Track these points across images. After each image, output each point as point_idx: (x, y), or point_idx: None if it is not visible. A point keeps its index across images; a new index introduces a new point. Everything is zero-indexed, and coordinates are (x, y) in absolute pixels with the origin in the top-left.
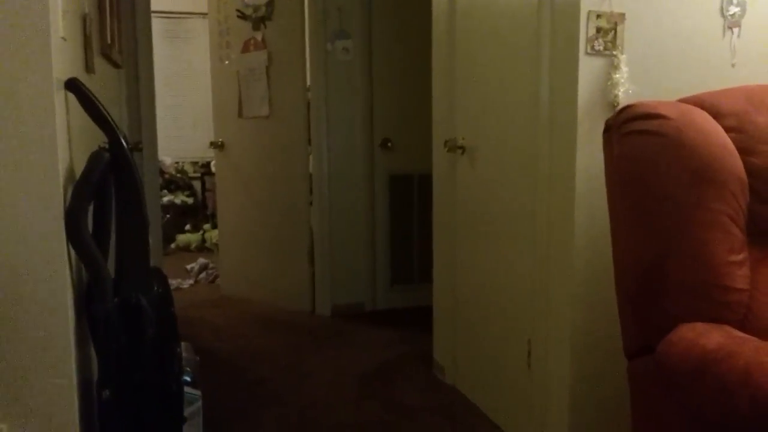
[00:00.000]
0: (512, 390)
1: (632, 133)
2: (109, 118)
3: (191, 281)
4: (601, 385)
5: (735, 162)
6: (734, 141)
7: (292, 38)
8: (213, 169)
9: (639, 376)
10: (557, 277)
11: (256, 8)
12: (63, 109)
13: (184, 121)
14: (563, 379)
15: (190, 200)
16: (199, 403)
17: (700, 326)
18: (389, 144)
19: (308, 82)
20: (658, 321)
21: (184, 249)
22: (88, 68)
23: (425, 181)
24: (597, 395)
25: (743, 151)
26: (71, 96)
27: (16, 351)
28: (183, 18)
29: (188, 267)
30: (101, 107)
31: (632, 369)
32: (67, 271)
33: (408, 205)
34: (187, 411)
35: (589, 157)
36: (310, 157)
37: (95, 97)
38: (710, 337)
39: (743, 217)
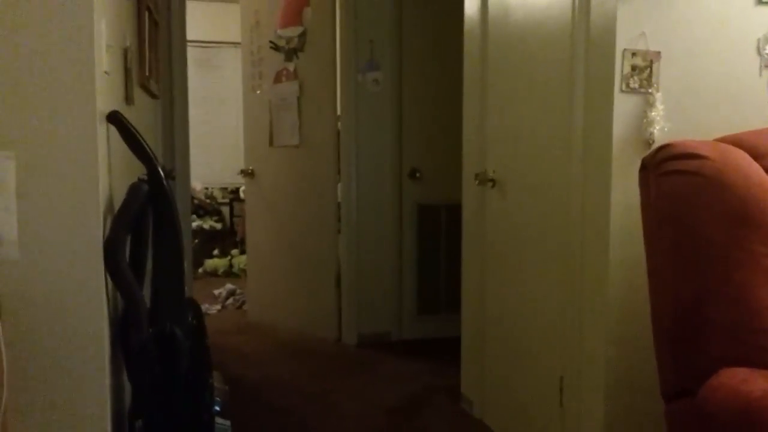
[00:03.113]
0: (543, 428)
1: (670, 173)
2: (149, 151)
3: (219, 307)
4: (637, 427)
5: None
6: None
7: (323, 69)
8: (242, 195)
9: (678, 420)
10: (591, 314)
11: (288, 40)
12: (104, 142)
13: (214, 147)
14: (597, 419)
15: (218, 225)
16: None
17: (742, 372)
18: (417, 174)
19: (338, 112)
20: (698, 364)
21: (212, 274)
22: (128, 100)
23: (453, 212)
24: None
25: None
26: (112, 128)
27: (50, 378)
28: (216, 47)
29: (216, 292)
30: (141, 140)
31: (670, 412)
32: (104, 301)
33: (435, 235)
34: None
35: (624, 193)
36: (339, 185)
37: (136, 130)
38: (754, 383)
39: None
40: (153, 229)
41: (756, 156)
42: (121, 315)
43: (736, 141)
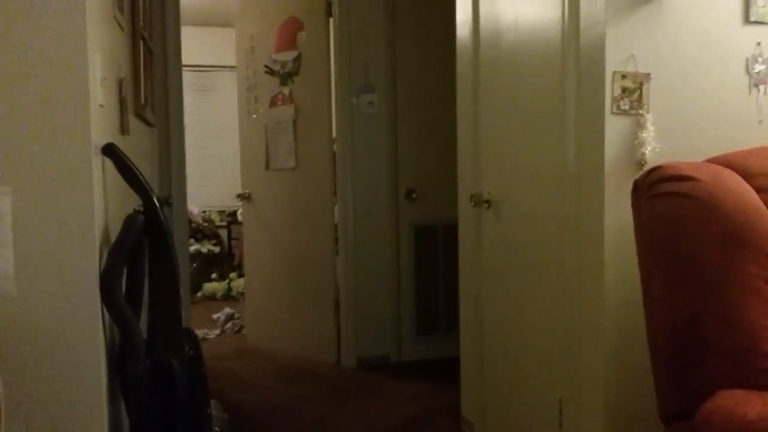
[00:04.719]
0: None
1: (662, 195)
2: (144, 182)
3: (217, 331)
4: None
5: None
6: (765, 202)
7: (318, 92)
8: (239, 217)
9: None
10: (588, 336)
11: (283, 64)
12: (100, 174)
13: (211, 170)
14: None
15: (216, 249)
16: None
17: (739, 394)
18: (413, 194)
19: (334, 135)
20: (694, 386)
21: (210, 298)
22: (123, 130)
23: (449, 231)
24: None
25: None
26: (108, 159)
27: (48, 413)
28: (212, 71)
29: (214, 317)
30: (136, 171)
31: None
32: (101, 334)
33: (432, 255)
34: None
35: (618, 215)
36: (336, 207)
37: (131, 161)
38: (750, 406)
39: None
40: (149, 261)
41: (746, 176)
42: (118, 348)
43: (726, 161)
